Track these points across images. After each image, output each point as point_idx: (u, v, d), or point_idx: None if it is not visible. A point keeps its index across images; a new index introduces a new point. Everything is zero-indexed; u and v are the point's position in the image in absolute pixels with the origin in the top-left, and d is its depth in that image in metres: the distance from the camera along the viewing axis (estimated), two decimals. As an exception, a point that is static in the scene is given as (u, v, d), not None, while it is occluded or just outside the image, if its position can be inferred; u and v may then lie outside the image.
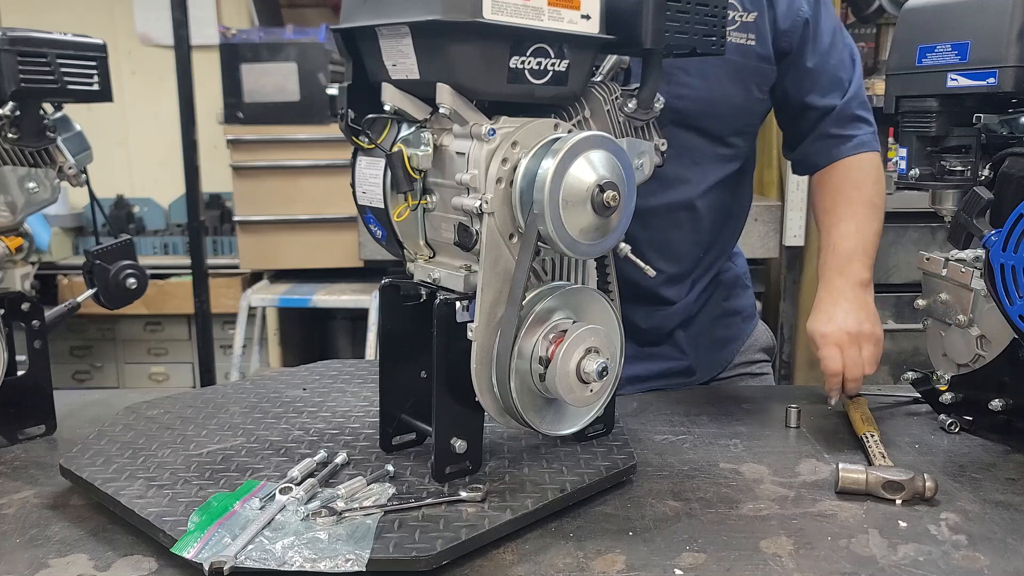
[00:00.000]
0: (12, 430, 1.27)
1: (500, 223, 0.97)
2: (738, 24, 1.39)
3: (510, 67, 0.94)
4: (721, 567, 0.91)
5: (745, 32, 1.40)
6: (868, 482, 1.07)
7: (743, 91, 1.43)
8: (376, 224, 1.09)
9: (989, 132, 1.24)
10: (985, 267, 1.13)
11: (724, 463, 1.18)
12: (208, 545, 0.89)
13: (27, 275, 1.30)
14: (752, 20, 1.40)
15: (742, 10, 1.39)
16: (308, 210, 3.61)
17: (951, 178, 1.24)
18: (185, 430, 1.22)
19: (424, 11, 0.90)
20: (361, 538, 0.90)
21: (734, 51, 1.38)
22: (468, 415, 1.04)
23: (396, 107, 1.01)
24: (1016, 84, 1.12)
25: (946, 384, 1.30)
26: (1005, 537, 0.98)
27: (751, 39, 1.40)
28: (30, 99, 1.24)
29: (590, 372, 0.98)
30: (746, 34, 1.40)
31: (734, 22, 1.38)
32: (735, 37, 1.38)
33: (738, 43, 1.39)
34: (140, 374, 4.37)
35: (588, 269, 1.10)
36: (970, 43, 1.16)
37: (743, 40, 1.40)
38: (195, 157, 3.28)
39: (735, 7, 1.38)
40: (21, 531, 1.00)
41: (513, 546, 0.95)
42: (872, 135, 1.51)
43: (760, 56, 1.42)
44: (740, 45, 1.39)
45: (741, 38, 1.39)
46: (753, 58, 1.41)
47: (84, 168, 1.34)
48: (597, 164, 0.96)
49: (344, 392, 1.40)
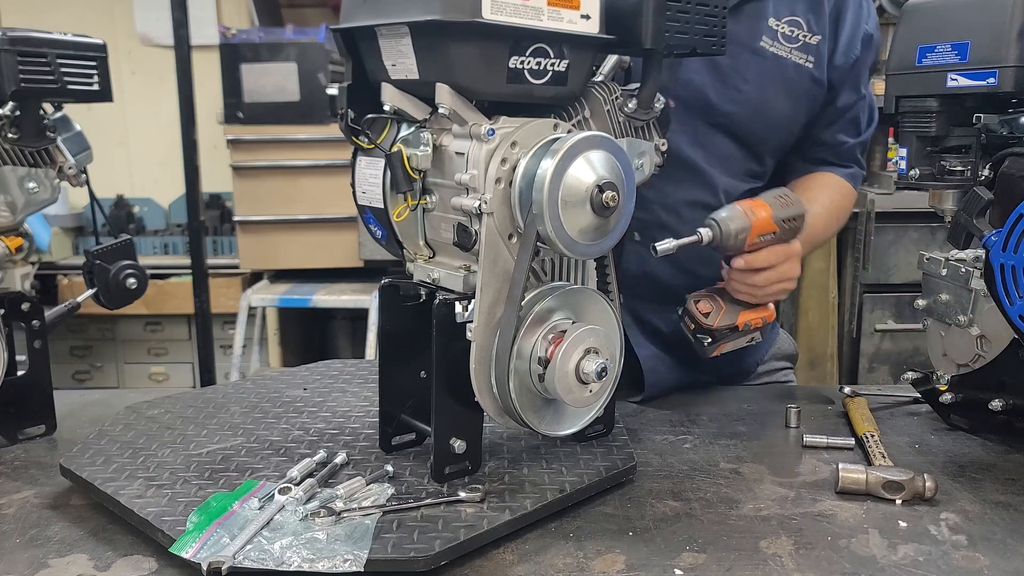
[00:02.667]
0: (12, 430, 1.27)
1: (499, 223, 0.97)
2: (800, 43, 1.40)
3: (509, 67, 0.94)
4: (721, 567, 0.91)
5: (806, 53, 1.41)
6: (868, 482, 1.07)
7: (792, 109, 1.44)
8: (376, 224, 1.09)
9: (989, 132, 1.24)
10: (985, 267, 1.13)
11: (724, 463, 1.18)
12: (207, 545, 0.89)
13: (27, 275, 1.30)
14: (815, 43, 1.41)
15: (807, 30, 1.41)
16: (308, 210, 3.61)
17: (951, 178, 1.23)
18: (185, 430, 1.23)
19: (423, 11, 0.90)
20: (360, 538, 0.90)
21: (793, 70, 1.40)
22: (467, 415, 1.04)
23: (396, 107, 1.01)
24: (1016, 84, 1.12)
25: (946, 384, 1.30)
26: (1005, 537, 0.98)
27: (810, 61, 1.41)
28: (30, 99, 1.24)
29: (589, 372, 0.98)
30: (806, 55, 1.41)
31: (797, 40, 1.40)
32: (796, 56, 1.40)
33: (797, 62, 1.40)
34: (140, 374, 4.37)
35: (587, 269, 1.10)
36: (970, 43, 1.16)
37: (803, 61, 1.41)
38: (195, 157, 3.28)
39: (800, 26, 1.40)
40: (21, 531, 1.00)
41: (513, 546, 0.95)
42: (859, 177, 1.59)
43: (814, 79, 1.43)
44: (799, 65, 1.41)
45: (801, 58, 1.41)
46: (808, 80, 1.42)
47: (84, 168, 1.34)
48: (596, 164, 0.95)
49: (344, 392, 1.40)
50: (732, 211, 1.22)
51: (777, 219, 1.24)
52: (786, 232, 1.27)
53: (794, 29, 1.40)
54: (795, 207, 1.27)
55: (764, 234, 1.24)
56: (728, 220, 1.21)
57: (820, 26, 1.41)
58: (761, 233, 1.24)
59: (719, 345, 1.32)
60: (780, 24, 1.39)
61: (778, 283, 1.29)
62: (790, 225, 1.26)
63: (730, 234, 1.21)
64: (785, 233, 1.26)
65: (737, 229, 1.21)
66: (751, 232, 1.22)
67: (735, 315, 1.31)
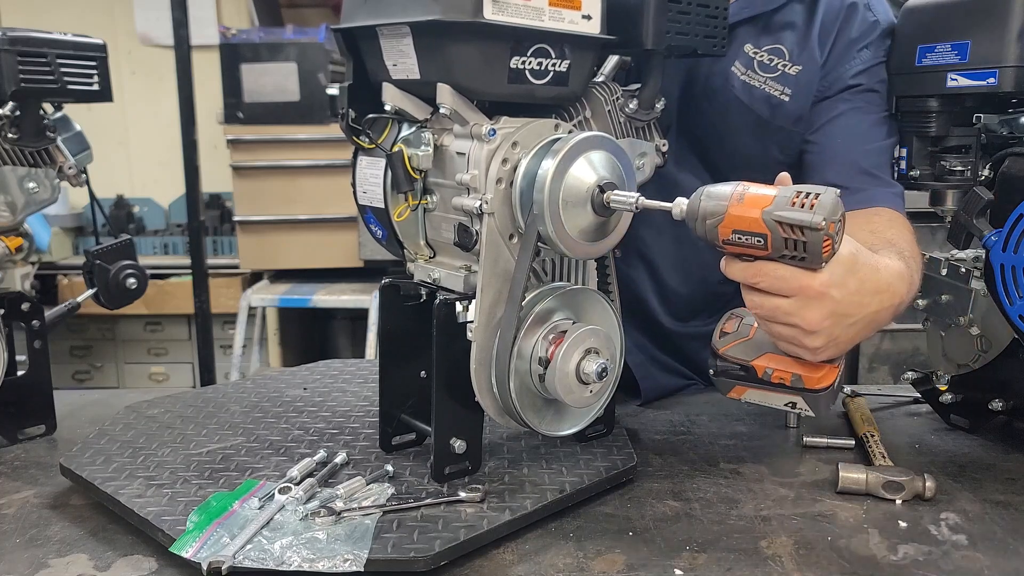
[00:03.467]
0: (12, 430, 1.27)
1: (500, 223, 0.97)
2: (778, 73, 1.26)
3: (511, 67, 0.94)
4: (721, 567, 0.91)
5: (783, 84, 1.27)
6: (868, 482, 1.07)
7: (758, 146, 1.30)
8: (376, 224, 1.09)
9: (989, 132, 1.24)
10: (985, 267, 1.13)
11: (724, 463, 1.18)
12: (207, 545, 0.89)
13: (27, 275, 1.30)
14: (794, 73, 1.27)
15: (788, 59, 1.27)
16: (308, 210, 3.61)
17: (951, 178, 1.24)
18: (185, 429, 1.22)
19: (424, 11, 0.90)
20: (360, 538, 0.90)
21: (762, 102, 1.27)
22: (467, 415, 1.04)
23: (397, 107, 1.01)
24: (1016, 84, 1.13)
25: (946, 384, 1.30)
26: (1005, 537, 0.98)
27: (786, 93, 1.27)
28: (30, 99, 1.24)
29: (589, 373, 0.98)
30: (783, 87, 1.27)
31: (775, 70, 1.26)
32: (771, 87, 1.26)
33: (770, 94, 1.27)
34: (140, 374, 4.38)
35: (588, 270, 1.10)
36: (970, 43, 1.16)
37: (778, 93, 1.26)
38: (195, 157, 3.28)
39: (782, 54, 1.27)
40: (21, 531, 1.00)
41: (513, 546, 0.95)
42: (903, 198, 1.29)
43: (788, 115, 1.28)
44: (771, 97, 1.27)
45: (776, 90, 1.26)
46: (782, 116, 1.28)
47: (84, 168, 1.34)
48: (597, 164, 0.95)
49: (344, 392, 1.40)
50: (722, 188, 0.90)
51: (769, 218, 0.86)
52: (786, 246, 0.87)
53: (774, 58, 1.27)
54: (809, 214, 0.85)
55: (744, 232, 0.88)
56: (709, 197, 0.90)
57: (803, 55, 1.27)
58: (738, 229, 0.88)
59: (734, 386, 1.03)
60: (759, 52, 1.27)
61: (774, 321, 0.95)
62: (792, 237, 0.86)
63: (696, 214, 0.90)
64: (783, 246, 0.87)
65: (708, 211, 0.89)
66: (722, 221, 0.88)
67: (754, 352, 1.00)
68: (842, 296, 0.92)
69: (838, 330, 0.94)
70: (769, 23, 1.29)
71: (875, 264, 0.99)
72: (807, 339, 0.94)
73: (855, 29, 1.28)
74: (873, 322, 0.99)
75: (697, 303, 1.44)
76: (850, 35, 1.28)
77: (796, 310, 0.92)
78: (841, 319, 0.94)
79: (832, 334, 0.94)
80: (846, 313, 0.94)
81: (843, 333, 0.95)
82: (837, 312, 0.93)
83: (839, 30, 1.28)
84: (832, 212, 0.85)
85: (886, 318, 1.01)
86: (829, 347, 0.96)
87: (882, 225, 1.19)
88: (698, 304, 1.44)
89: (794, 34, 1.28)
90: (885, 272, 1.00)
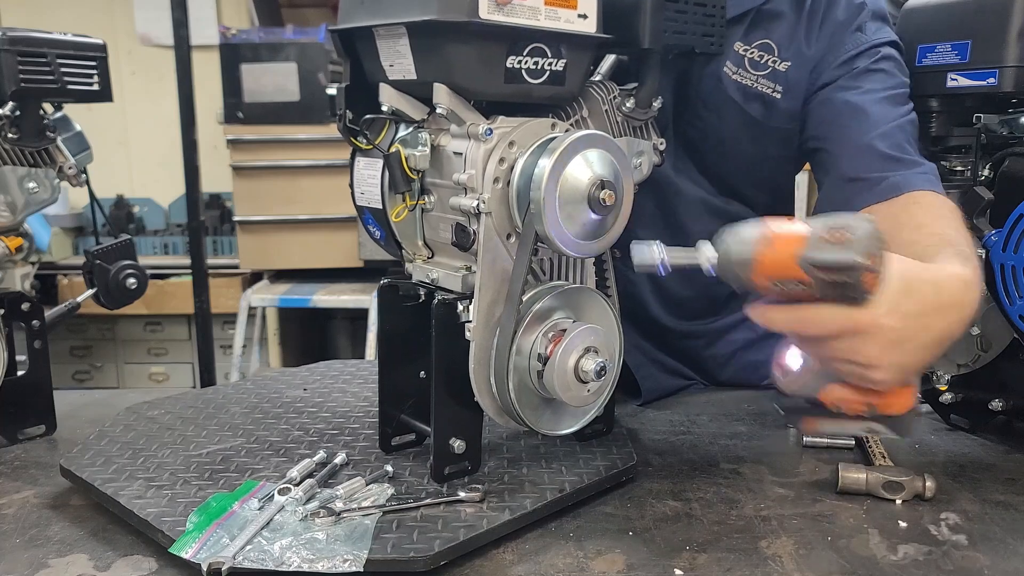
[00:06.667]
0: (12, 430, 1.27)
1: (498, 223, 0.97)
2: (768, 70, 1.24)
3: (507, 67, 0.94)
4: (721, 567, 0.91)
5: (773, 82, 1.24)
6: (868, 482, 1.07)
7: (759, 148, 1.29)
8: (374, 224, 1.09)
9: (989, 132, 1.24)
10: (985, 267, 1.13)
11: (724, 463, 1.18)
12: (206, 545, 0.89)
13: (27, 275, 1.30)
14: (783, 70, 1.24)
15: (777, 55, 1.24)
16: (308, 210, 3.62)
17: (951, 178, 1.23)
18: (185, 430, 1.23)
19: (420, 11, 0.90)
20: (359, 539, 0.90)
21: (756, 102, 1.25)
22: (467, 415, 1.04)
23: (394, 107, 1.01)
24: (1016, 84, 1.13)
25: (946, 384, 1.30)
26: (1005, 537, 0.98)
27: (778, 91, 1.24)
28: (30, 99, 1.24)
29: (588, 371, 0.98)
30: (774, 84, 1.24)
31: (766, 67, 1.24)
32: (762, 85, 1.25)
33: (763, 92, 1.25)
34: (140, 374, 4.38)
35: (586, 268, 1.10)
36: (970, 43, 1.16)
37: (770, 91, 1.24)
38: (195, 157, 3.28)
39: (771, 50, 1.24)
40: (21, 531, 1.00)
41: (513, 546, 0.95)
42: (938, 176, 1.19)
43: (781, 112, 1.26)
44: (764, 95, 1.25)
45: (768, 87, 1.24)
46: (775, 114, 1.26)
47: (84, 168, 1.34)
48: (594, 163, 0.95)
49: (344, 392, 1.40)
50: (745, 232, 0.85)
51: (806, 262, 0.81)
52: (829, 288, 0.82)
53: (764, 54, 1.25)
54: (845, 253, 0.80)
55: (781, 280, 0.83)
56: (732, 244, 0.85)
57: (792, 50, 1.24)
58: (774, 278, 0.83)
59: (801, 418, 0.97)
60: (750, 49, 1.25)
61: (832, 360, 0.88)
62: (833, 277, 0.81)
63: (730, 264, 0.85)
64: (828, 289, 0.82)
65: (737, 260, 0.84)
66: (751, 271, 0.84)
67: (821, 382, 0.91)
68: (898, 323, 0.84)
69: (903, 357, 0.87)
70: (758, 16, 1.26)
71: (934, 279, 0.89)
72: (871, 373, 0.87)
73: (841, 12, 1.25)
74: (943, 340, 0.89)
75: (697, 303, 1.44)
76: (837, 18, 1.24)
77: (851, 349, 0.85)
78: (902, 346, 0.86)
79: (897, 363, 0.86)
80: (908, 339, 0.86)
81: (910, 359, 0.88)
82: (897, 340, 0.85)
83: (825, 15, 1.25)
84: (869, 245, 0.80)
85: (958, 331, 0.91)
86: (897, 376, 0.88)
87: (927, 216, 1.09)
88: (698, 304, 1.44)
89: (782, 25, 1.26)
90: (948, 285, 0.90)
